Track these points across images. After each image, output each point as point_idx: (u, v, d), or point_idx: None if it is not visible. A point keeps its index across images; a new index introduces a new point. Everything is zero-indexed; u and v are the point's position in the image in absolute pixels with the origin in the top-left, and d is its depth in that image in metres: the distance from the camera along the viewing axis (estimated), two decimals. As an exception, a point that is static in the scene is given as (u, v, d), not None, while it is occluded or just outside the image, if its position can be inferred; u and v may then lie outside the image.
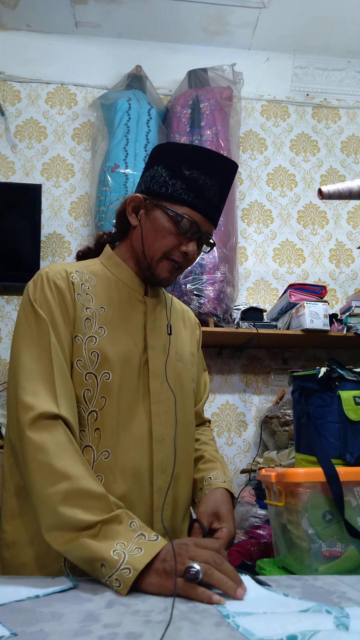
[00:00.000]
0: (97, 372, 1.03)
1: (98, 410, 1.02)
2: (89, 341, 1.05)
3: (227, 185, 1.16)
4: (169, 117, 2.90)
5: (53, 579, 0.86)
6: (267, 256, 3.03)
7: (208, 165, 1.12)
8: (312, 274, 3.02)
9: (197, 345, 1.33)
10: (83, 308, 1.07)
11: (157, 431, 1.07)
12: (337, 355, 2.70)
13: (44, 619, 0.68)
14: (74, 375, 1.03)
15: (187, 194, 1.09)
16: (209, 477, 1.19)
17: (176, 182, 1.11)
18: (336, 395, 2.25)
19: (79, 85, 3.10)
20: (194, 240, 1.12)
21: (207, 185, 1.11)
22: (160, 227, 1.11)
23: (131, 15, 2.94)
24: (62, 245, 2.91)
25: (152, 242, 1.12)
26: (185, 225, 1.09)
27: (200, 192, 1.10)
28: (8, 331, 2.76)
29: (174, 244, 1.11)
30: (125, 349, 1.08)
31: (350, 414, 2.21)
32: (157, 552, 0.81)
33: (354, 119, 3.25)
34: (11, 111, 3.03)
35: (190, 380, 1.23)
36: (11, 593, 0.78)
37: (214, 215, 1.14)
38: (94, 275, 1.14)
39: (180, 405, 1.14)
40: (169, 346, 1.16)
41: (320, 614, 0.70)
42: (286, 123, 3.21)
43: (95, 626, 0.66)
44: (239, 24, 2.99)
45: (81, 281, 1.10)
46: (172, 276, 1.15)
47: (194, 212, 1.10)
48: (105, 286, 1.13)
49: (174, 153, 1.16)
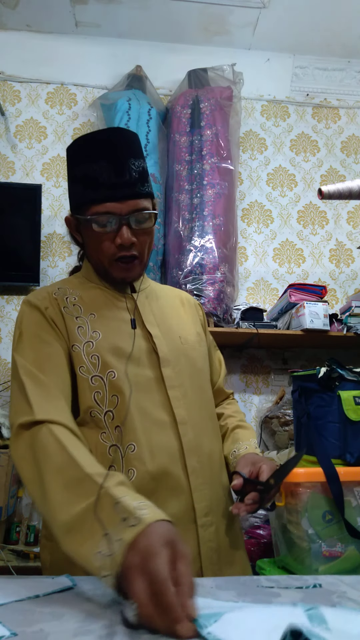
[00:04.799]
0: (102, 373, 1.05)
1: (113, 409, 1.04)
2: (86, 347, 1.07)
3: (121, 153, 1.08)
4: (169, 117, 2.90)
5: (53, 579, 0.86)
6: (267, 256, 3.03)
7: (91, 151, 1.09)
8: (312, 274, 3.02)
9: (200, 324, 1.33)
10: (72, 318, 1.10)
11: (179, 414, 1.08)
12: (337, 355, 2.70)
13: (44, 619, 0.68)
14: (79, 382, 1.05)
15: (86, 193, 1.08)
16: (234, 450, 1.19)
17: (76, 187, 1.11)
18: (336, 395, 2.25)
19: (79, 85, 3.10)
20: (122, 228, 1.08)
21: (97, 170, 1.06)
22: (89, 237, 1.12)
23: (131, 15, 2.94)
24: (62, 245, 2.91)
25: (93, 252, 1.14)
26: (100, 222, 1.07)
27: (95, 182, 1.06)
28: (8, 331, 2.76)
29: (108, 246, 1.10)
30: (125, 346, 1.09)
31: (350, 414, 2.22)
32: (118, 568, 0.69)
33: (354, 119, 3.25)
34: (11, 111, 3.03)
35: (201, 358, 1.23)
36: (11, 593, 0.78)
37: (123, 192, 1.06)
38: (77, 288, 1.17)
39: (196, 385, 1.16)
40: (173, 331, 1.19)
41: (286, 608, 0.66)
42: (286, 123, 3.21)
43: (96, 626, 0.66)
44: (239, 24, 2.99)
45: (65, 295, 1.13)
46: (132, 271, 1.14)
47: (101, 205, 1.06)
48: (90, 295, 1.16)
49: (68, 160, 1.15)
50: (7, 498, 2.18)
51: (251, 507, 1.02)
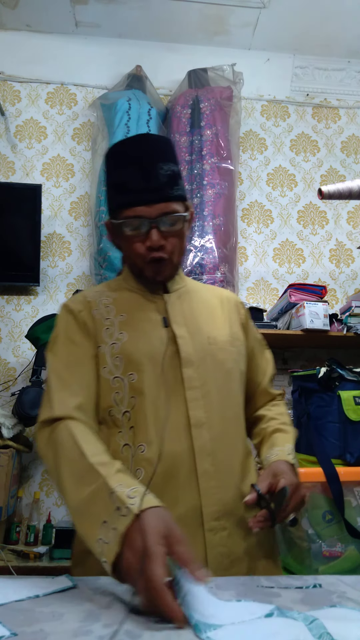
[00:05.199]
0: (123, 374, 1.09)
1: (130, 410, 1.08)
2: (111, 348, 1.12)
3: (149, 159, 1.12)
4: (169, 117, 2.90)
5: (53, 579, 0.86)
6: (267, 256, 3.03)
7: (121, 158, 1.14)
8: (312, 274, 3.02)
9: (240, 324, 1.31)
10: (102, 320, 1.15)
11: (194, 416, 1.08)
12: (337, 355, 2.70)
13: (44, 619, 0.68)
14: (101, 382, 1.10)
15: (118, 198, 1.13)
16: (267, 456, 1.17)
17: (110, 193, 1.17)
18: (336, 395, 2.26)
19: (79, 85, 3.10)
20: (152, 230, 1.11)
21: (127, 176, 1.11)
22: (123, 240, 1.16)
23: (131, 15, 2.94)
24: (62, 245, 2.91)
25: (129, 255, 1.18)
26: (131, 225, 1.12)
27: (125, 187, 1.11)
28: (8, 331, 2.76)
29: (140, 247, 1.13)
30: (148, 346, 1.12)
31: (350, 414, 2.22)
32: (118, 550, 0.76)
33: (354, 119, 3.25)
34: (11, 111, 3.03)
35: (232, 360, 1.21)
36: (11, 593, 0.78)
37: (151, 196, 1.10)
38: (113, 290, 1.23)
39: (221, 387, 1.15)
40: (201, 332, 1.19)
41: (288, 621, 0.66)
42: (286, 123, 3.21)
43: (95, 626, 0.66)
44: (239, 24, 2.99)
45: (100, 297, 1.20)
46: (163, 271, 1.17)
47: (131, 209, 1.10)
48: (124, 297, 1.21)
49: (105, 169, 1.21)
50: (7, 498, 2.18)
51: (263, 523, 1.01)
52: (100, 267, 2.60)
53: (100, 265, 2.60)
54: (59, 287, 2.85)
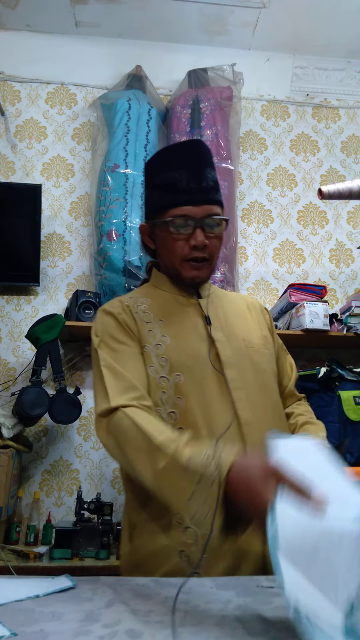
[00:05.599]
0: (169, 375, 1.12)
1: (177, 411, 1.10)
2: (156, 349, 1.15)
3: (198, 163, 1.18)
4: (169, 117, 2.90)
5: (53, 579, 0.86)
6: (267, 256, 3.02)
7: (170, 161, 1.19)
8: (312, 274, 3.02)
9: (267, 328, 1.35)
10: (143, 322, 1.18)
11: (243, 416, 1.10)
12: (337, 355, 2.70)
13: (44, 619, 0.68)
14: (149, 380, 1.12)
15: (164, 198, 1.18)
16: None
17: (155, 194, 1.22)
18: (336, 395, 2.26)
19: (79, 85, 3.09)
20: (196, 230, 1.15)
21: (176, 177, 1.16)
22: (164, 240, 1.20)
23: (131, 15, 2.94)
24: (62, 245, 2.91)
25: (167, 256, 1.22)
26: (177, 224, 1.16)
27: (173, 188, 1.16)
28: (8, 331, 2.76)
29: (182, 246, 1.17)
30: (191, 349, 1.15)
31: (351, 414, 2.22)
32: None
33: (354, 119, 3.25)
34: (11, 111, 3.02)
35: (266, 361, 1.26)
36: (11, 593, 0.78)
37: (200, 197, 1.16)
38: (147, 296, 1.26)
39: (261, 387, 1.19)
40: (236, 335, 1.22)
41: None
42: (286, 123, 3.20)
43: (95, 626, 0.66)
44: (239, 24, 2.98)
45: (136, 303, 1.22)
46: (202, 272, 1.21)
47: (178, 209, 1.15)
48: (159, 302, 1.24)
49: (146, 171, 1.27)
50: (7, 498, 2.18)
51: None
52: (100, 267, 2.60)
53: (100, 265, 2.60)
54: (59, 287, 2.84)
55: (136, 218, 2.59)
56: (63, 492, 2.60)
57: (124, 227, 2.57)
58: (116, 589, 0.82)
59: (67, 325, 2.45)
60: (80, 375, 2.75)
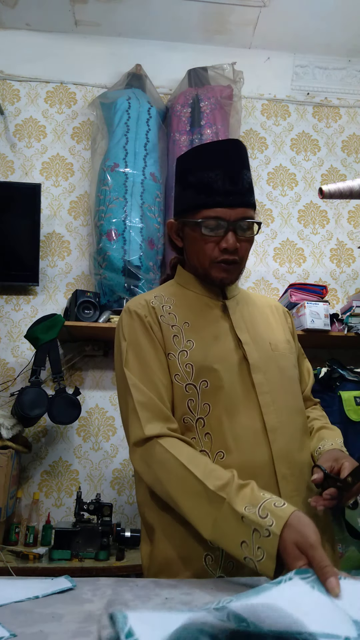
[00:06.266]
0: (195, 382, 1.10)
1: (204, 417, 1.08)
2: (181, 355, 1.12)
3: (235, 164, 1.16)
4: (169, 116, 2.89)
5: (53, 580, 0.86)
6: (267, 256, 3.02)
7: (207, 160, 1.16)
8: (312, 274, 3.01)
9: (290, 332, 1.34)
10: (169, 327, 1.16)
11: (269, 421, 1.09)
12: (338, 355, 2.70)
13: (44, 620, 0.68)
14: (175, 389, 1.11)
15: (199, 198, 1.14)
16: (318, 447, 1.18)
17: (187, 192, 1.18)
18: (337, 396, 2.25)
19: (78, 84, 3.09)
20: (228, 233, 1.13)
21: (213, 177, 1.13)
22: (194, 240, 1.17)
23: (131, 14, 2.94)
24: (62, 244, 2.90)
25: (196, 255, 1.19)
26: (209, 226, 1.13)
27: (209, 189, 1.13)
28: (7, 331, 2.75)
29: (212, 248, 1.15)
30: (217, 353, 1.13)
31: (351, 414, 2.21)
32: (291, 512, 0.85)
33: (355, 118, 3.25)
34: (10, 110, 3.02)
35: (292, 366, 1.25)
36: (11, 594, 0.77)
37: (234, 199, 1.13)
38: (172, 295, 1.23)
39: (287, 392, 1.17)
40: (262, 338, 1.21)
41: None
42: (287, 122, 3.20)
43: (95, 627, 0.65)
44: (239, 22, 2.98)
45: (161, 304, 1.20)
46: (231, 274, 1.19)
47: (212, 210, 1.13)
48: (185, 302, 1.22)
49: (180, 167, 1.23)
50: (7, 499, 2.18)
51: (329, 502, 1.01)
52: (100, 266, 2.59)
53: (100, 264, 2.59)
54: (58, 286, 2.84)
55: (136, 217, 2.59)
56: (62, 492, 2.59)
57: (123, 227, 2.57)
58: (116, 589, 0.81)
59: (66, 325, 2.44)
60: (79, 376, 2.74)
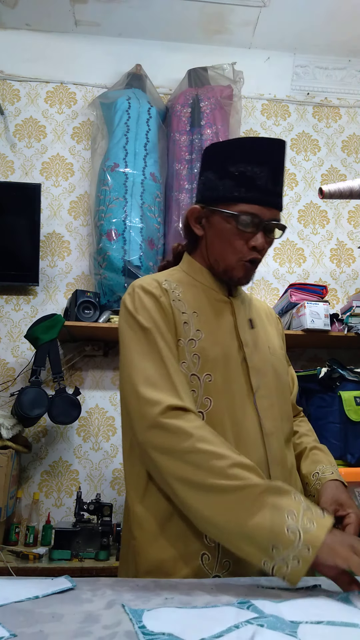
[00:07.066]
0: (200, 373, 1.07)
1: (204, 411, 1.06)
2: (189, 344, 1.09)
3: (278, 165, 1.16)
4: (169, 116, 2.89)
5: (52, 580, 0.85)
6: (267, 256, 3.01)
7: (253, 154, 1.13)
8: (312, 274, 3.01)
9: (281, 339, 1.34)
10: (180, 312, 1.12)
11: (266, 425, 1.09)
12: (338, 355, 2.69)
13: (44, 620, 0.67)
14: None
15: (238, 190, 1.10)
16: (316, 472, 1.18)
17: (225, 182, 1.12)
18: (337, 396, 2.25)
19: (78, 84, 3.09)
20: (259, 232, 1.12)
21: (257, 173, 1.10)
22: (223, 231, 1.13)
23: (131, 14, 2.93)
24: (62, 244, 2.90)
25: (220, 248, 1.15)
26: (245, 221, 1.10)
27: (251, 183, 1.10)
28: (7, 331, 2.75)
29: (242, 244, 1.13)
30: (223, 349, 1.11)
31: (351, 414, 2.21)
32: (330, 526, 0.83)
33: (355, 118, 3.25)
34: (10, 110, 3.02)
35: (285, 372, 1.25)
36: (11, 594, 0.77)
37: (273, 200, 1.13)
38: (180, 283, 1.18)
39: (281, 397, 1.17)
40: (262, 341, 1.20)
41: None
42: (287, 122, 3.20)
43: (95, 627, 0.65)
44: (239, 22, 2.98)
45: (171, 288, 1.15)
46: (250, 274, 1.19)
47: (250, 206, 1.10)
48: (192, 292, 1.18)
49: (218, 154, 1.17)
50: (7, 499, 2.17)
51: None
52: (100, 266, 2.59)
53: (100, 264, 2.59)
54: (58, 287, 2.84)
55: (136, 217, 2.58)
56: (62, 492, 2.59)
57: (123, 227, 2.56)
58: (116, 589, 0.81)
59: (66, 325, 2.44)
60: (79, 376, 2.74)
